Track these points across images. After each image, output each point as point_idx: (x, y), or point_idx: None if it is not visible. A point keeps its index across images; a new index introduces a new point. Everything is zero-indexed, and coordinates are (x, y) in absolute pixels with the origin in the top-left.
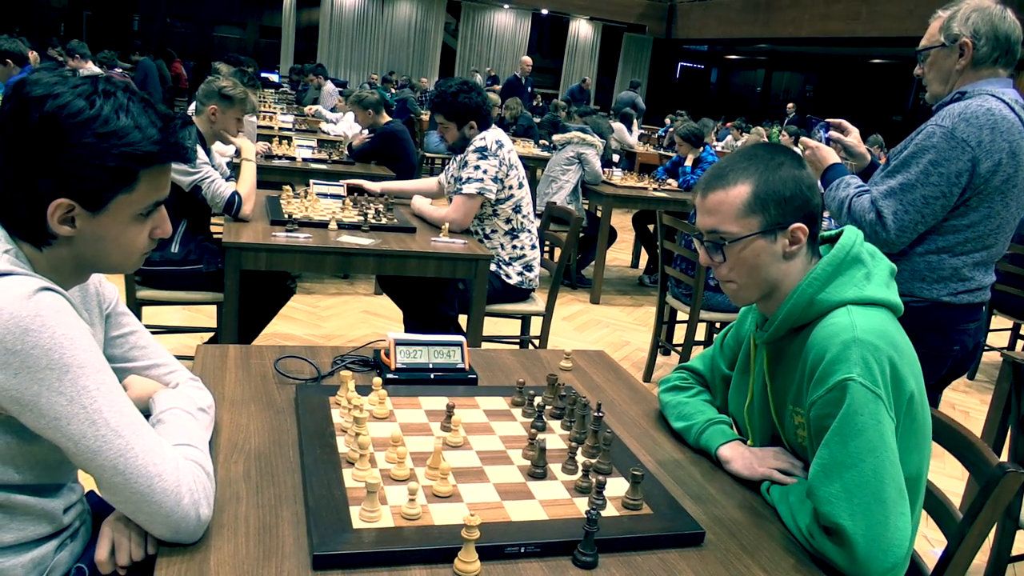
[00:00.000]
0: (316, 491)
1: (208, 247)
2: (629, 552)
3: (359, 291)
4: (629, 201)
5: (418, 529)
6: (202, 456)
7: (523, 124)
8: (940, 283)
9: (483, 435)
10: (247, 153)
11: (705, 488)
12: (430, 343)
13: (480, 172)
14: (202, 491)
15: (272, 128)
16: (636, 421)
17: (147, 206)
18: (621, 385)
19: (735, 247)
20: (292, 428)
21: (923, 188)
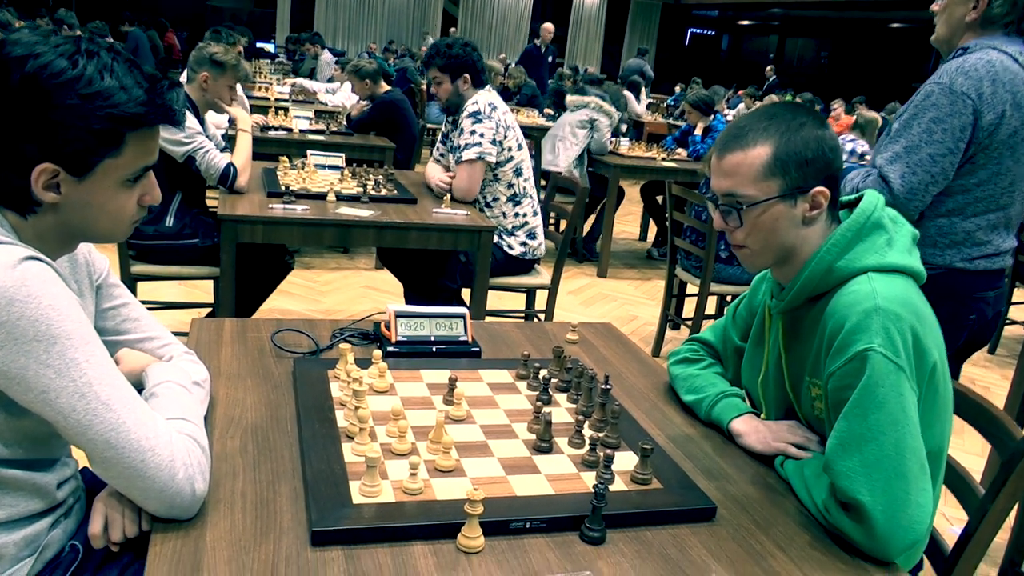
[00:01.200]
0: (315, 466)
1: (203, 220)
2: (638, 528)
3: (359, 265)
4: (637, 171)
5: (420, 504)
6: (196, 430)
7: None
8: (953, 248)
9: (487, 408)
10: (242, 123)
11: (717, 463)
12: (432, 315)
13: (477, 136)
14: (197, 466)
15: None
16: (645, 394)
17: (135, 171)
18: (629, 358)
19: (752, 211)
20: (290, 402)
21: (928, 147)
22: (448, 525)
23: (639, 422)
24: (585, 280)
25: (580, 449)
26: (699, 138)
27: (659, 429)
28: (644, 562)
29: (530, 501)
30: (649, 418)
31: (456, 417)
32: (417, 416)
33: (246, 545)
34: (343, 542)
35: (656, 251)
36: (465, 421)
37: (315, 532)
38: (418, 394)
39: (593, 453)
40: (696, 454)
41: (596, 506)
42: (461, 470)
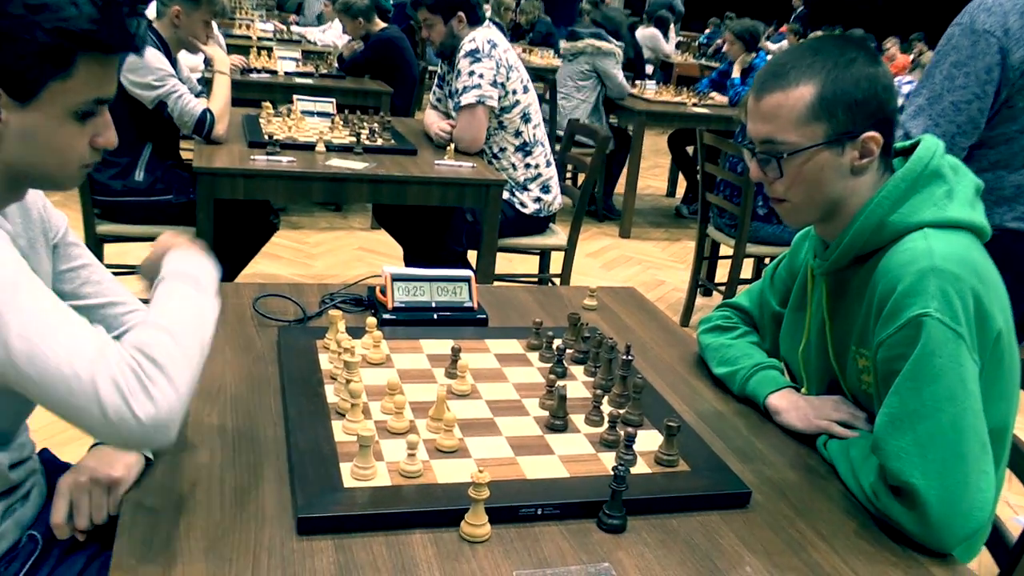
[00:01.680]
0: (301, 446)
1: (177, 174)
2: (663, 515)
3: (353, 225)
4: (664, 119)
5: (419, 488)
6: (156, 337)
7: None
8: (1003, 205)
9: (494, 382)
10: (220, 64)
11: (751, 443)
12: (433, 278)
13: (475, 78)
14: (135, 383)
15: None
16: (671, 366)
17: (85, 101)
18: (654, 326)
19: (794, 160)
20: (274, 375)
21: (950, 95)
22: (450, 511)
23: (664, 397)
24: (606, 241)
25: (598, 427)
26: (738, 80)
27: (687, 405)
28: (669, 552)
29: (542, 485)
30: (676, 393)
31: (460, 392)
32: (416, 391)
33: (224, 534)
34: (333, 530)
35: (685, 208)
36: (470, 396)
37: (301, 519)
38: (417, 366)
39: (613, 432)
40: (728, 433)
41: (616, 490)
42: (465, 450)
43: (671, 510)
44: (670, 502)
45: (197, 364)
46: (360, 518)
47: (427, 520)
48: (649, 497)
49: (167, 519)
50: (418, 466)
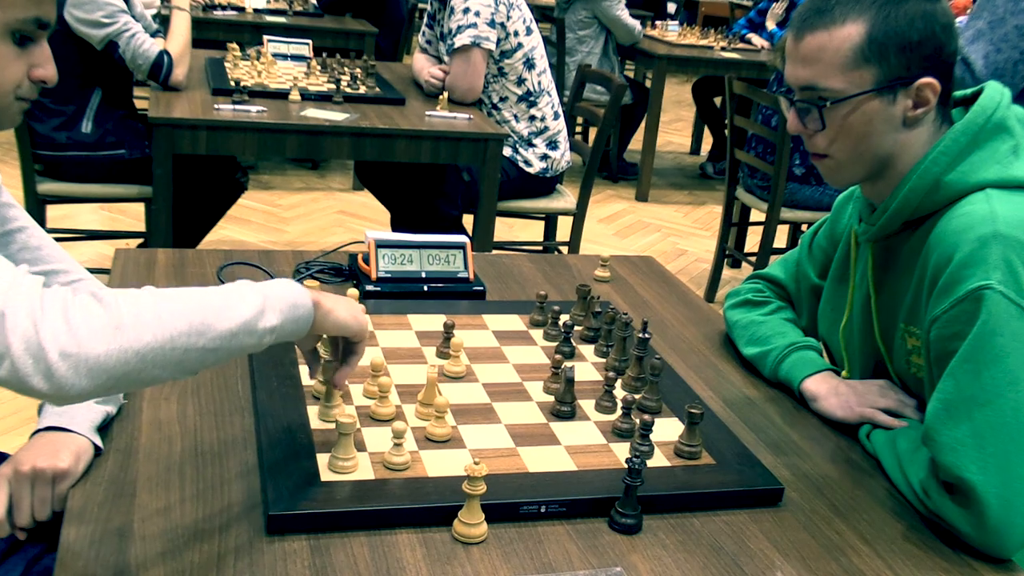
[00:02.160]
0: (272, 434)
1: (130, 126)
2: (683, 513)
3: (332, 186)
4: (688, 65)
5: (406, 482)
6: (126, 292)
7: None
8: None
9: (492, 363)
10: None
11: (785, 433)
12: (423, 245)
13: (470, 16)
14: (56, 314)
15: None
16: (694, 346)
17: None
18: (675, 301)
19: (839, 110)
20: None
21: (1014, 18)
22: (442, 508)
23: (686, 381)
24: (621, 204)
25: (610, 414)
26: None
27: (711, 390)
28: (691, 556)
29: (546, 479)
30: (699, 376)
31: (453, 373)
32: (403, 372)
33: (184, 534)
34: (308, 529)
35: (711, 167)
36: (465, 378)
37: (272, 517)
38: (405, 344)
39: (627, 419)
40: (758, 422)
41: (630, 485)
42: (459, 440)
43: (693, 508)
44: (692, 499)
45: (168, 347)
46: (339, 516)
47: (415, 518)
48: (668, 493)
49: (119, 516)
50: (405, 457)
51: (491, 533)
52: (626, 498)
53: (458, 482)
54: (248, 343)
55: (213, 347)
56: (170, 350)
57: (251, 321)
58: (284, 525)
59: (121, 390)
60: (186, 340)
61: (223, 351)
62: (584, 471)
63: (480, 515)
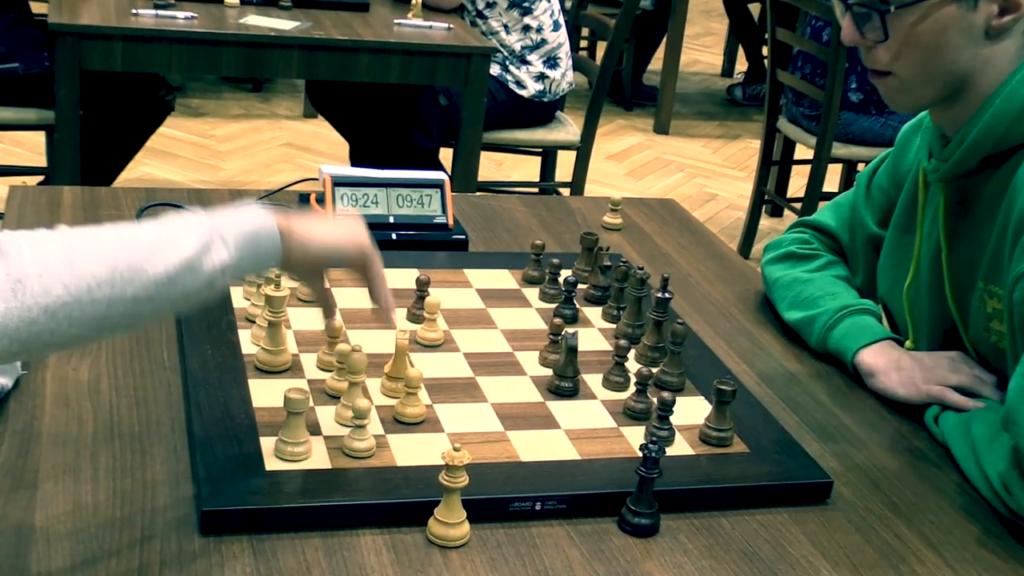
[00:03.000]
0: (206, 413)
1: (25, 34)
2: (709, 512)
3: (279, 112)
4: None
5: (370, 472)
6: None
7: None
8: None
9: (476, 328)
10: None
11: (834, 415)
12: (391, 183)
13: None
14: None
15: None
16: (724, 309)
17: None
18: (701, 253)
19: (905, 16)
20: None
21: None
22: (414, 505)
23: (714, 351)
24: (635, 137)
25: (621, 391)
26: None
27: (745, 363)
28: (718, 564)
29: (542, 469)
30: (730, 345)
31: (428, 340)
32: (367, 339)
33: (97, 533)
34: (250, 529)
35: (746, 91)
36: (442, 347)
37: (206, 514)
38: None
39: (641, 398)
40: (803, 402)
41: (645, 477)
42: (435, 421)
43: (722, 506)
44: (720, 495)
45: (85, 300)
46: (288, 512)
47: (381, 516)
48: (691, 488)
49: (16, 512)
50: (369, 442)
51: (474, 535)
52: (640, 493)
53: (434, 472)
54: (193, 287)
55: (146, 296)
56: (88, 303)
57: (194, 259)
58: (221, 523)
59: (30, 356)
60: (109, 290)
61: (162, 301)
62: (589, 460)
63: (461, 513)
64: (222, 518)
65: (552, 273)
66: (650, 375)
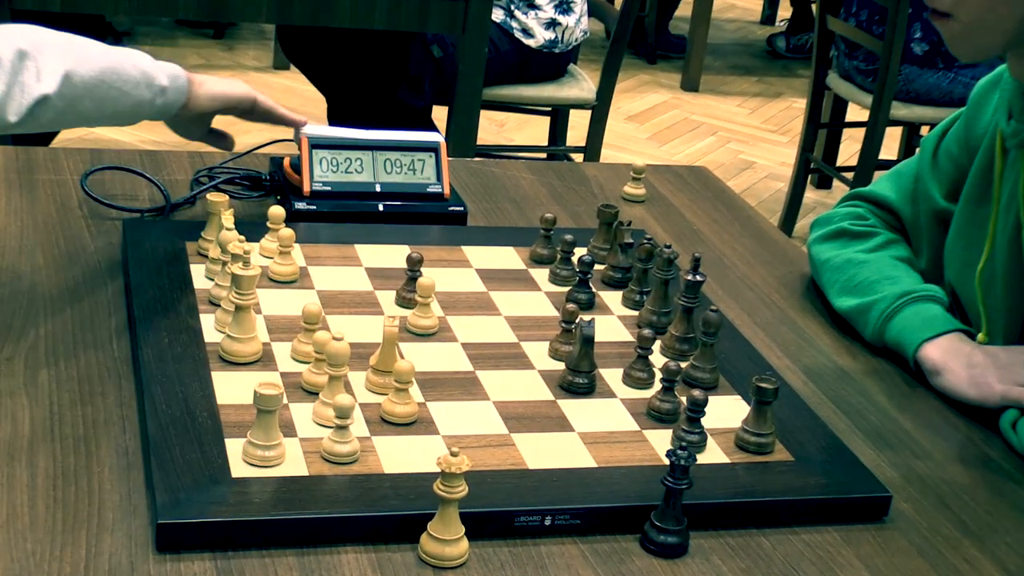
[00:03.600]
0: (162, 411)
1: None
2: (747, 530)
3: (245, 62)
4: None
5: (353, 480)
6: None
7: None
8: None
9: (476, 314)
10: None
11: (893, 419)
12: (378, 145)
13: None
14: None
15: None
16: (765, 295)
17: None
18: (738, 230)
19: None
20: (117, 299)
21: None
22: (404, 518)
23: (752, 343)
24: (660, 95)
25: (645, 389)
26: None
27: (789, 357)
28: None
29: (552, 479)
30: (772, 337)
31: (421, 328)
32: (350, 326)
33: (36, 551)
34: (214, 545)
35: (790, 42)
36: (437, 336)
37: (163, 528)
38: (351, 286)
39: (668, 396)
40: (856, 403)
41: (673, 489)
42: (429, 422)
43: (761, 523)
44: (760, 510)
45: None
46: (257, 526)
47: (366, 531)
48: (726, 502)
49: None
50: (352, 445)
51: (474, 553)
52: (667, 507)
53: (428, 481)
54: (144, 98)
55: (126, 91)
56: (96, 85)
57: (150, 73)
58: (179, 539)
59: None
60: (106, 77)
61: (129, 101)
62: (607, 468)
63: (459, 528)
64: (181, 533)
65: (564, 251)
66: (678, 370)
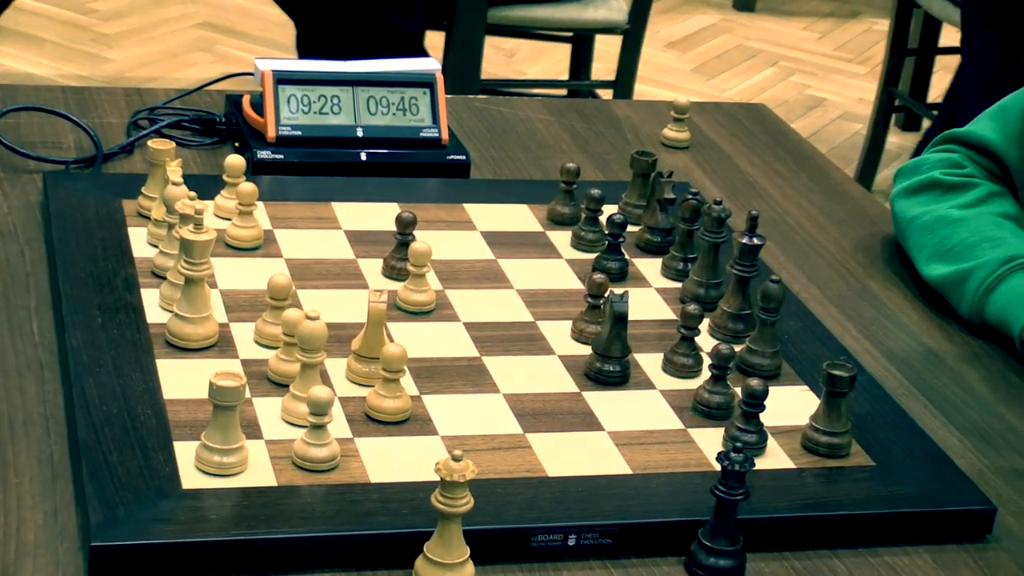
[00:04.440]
0: (95, 409)
1: None
2: (818, 551)
3: None
4: None
5: (332, 492)
6: None
7: None
8: None
9: (482, 287)
10: None
11: (998, 415)
12: (360, 80)
13: None
14: None
15: None
16: (839, 261)
17: None
18: (804, 182)
19: None
20: (38, 270)
21: None
22: (395, 538)
23: (823, 322)
24: (707, 17)
25: (690, 378)
26: None
27: (868, 339)
28: None
29: (577, 488)
30: (846, 313)
31: (414, 305)
32: (327, 302)
33: None
34: (160, 572)
35: None
36: (434, 314)
37: (97, 551)
38: (329, 254)
39: (719, 387)
40: (952, 394)
41: (725, 500)
42: (425, 421)
43: (834, 543)
44: (833, 526)
45: None
46: (214, 549)
47: (348, 554)
48: (791, 516)
49: None
50: (330, 449)
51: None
52: (718, 523)
53: (424, 492)
54: None
55: None
56: None
57: None
58: (118, 566)
59: None
60: None
61: None
62: (644, 476)
63: (463, 550)
64: (119, 559)
65: (591, 210)
66: (731, 355)
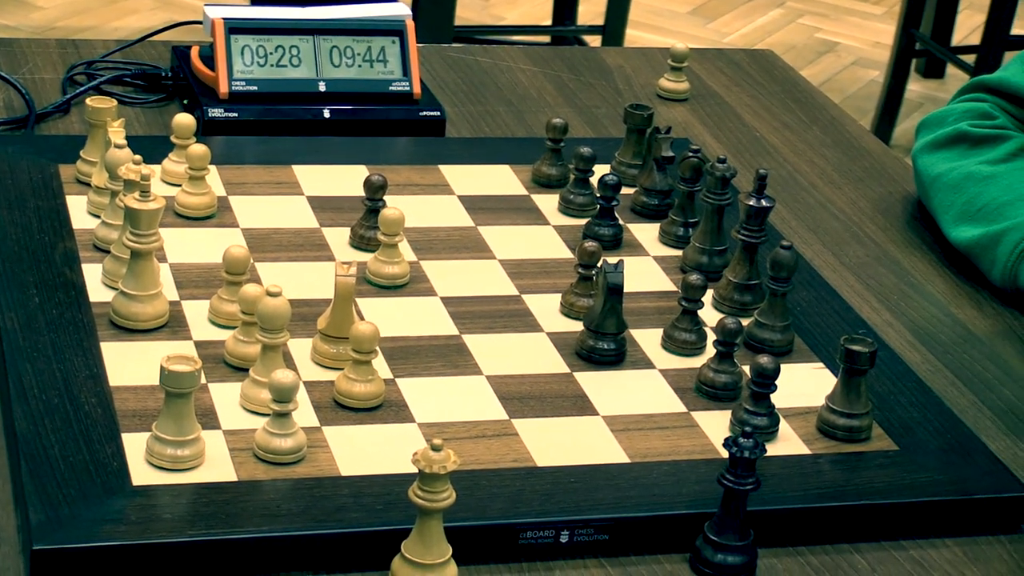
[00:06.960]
0: (33, 397)
1: None
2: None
3: None
4: None
5: (299, 487)
6: None
7: None
8: None
9: (461, 257)
10: None
11: None
12: (321, 28)
13: None
14: None
15: None
16: (856, 224)
17: None
18: (816, 136)
19: None
20: None
21: None
22: (369, 536)
23: (839, 292)
24: None
25: (693, 355)
26: None
27: (889, 310)
28: None
29: (569, 479)
30: (864, 282)
31: (386, 278)
32: (289, 276)
33: None
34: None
35: None
36: (409, 288)
37: (39, 555)
38: (289, 223)
39: (725, 366)
40: (982, 371)
41: (734, 490)
42: (400, 406)
43: (855, 536)
44: (853, 518)
45: None
46: (168, 551)
47: (318, 555)
48: (806, 507)
49: None
50: (295, 439)
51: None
52: (725, 515)
53: (401, 485)
54: None
55: None
56: None
57: None
58: (61, 571)
59: None
60: None
61: None
62: (643, 464)
63: (444, 548)
64: (64, 562)
65: (580, 170)
66: (738, 329)
